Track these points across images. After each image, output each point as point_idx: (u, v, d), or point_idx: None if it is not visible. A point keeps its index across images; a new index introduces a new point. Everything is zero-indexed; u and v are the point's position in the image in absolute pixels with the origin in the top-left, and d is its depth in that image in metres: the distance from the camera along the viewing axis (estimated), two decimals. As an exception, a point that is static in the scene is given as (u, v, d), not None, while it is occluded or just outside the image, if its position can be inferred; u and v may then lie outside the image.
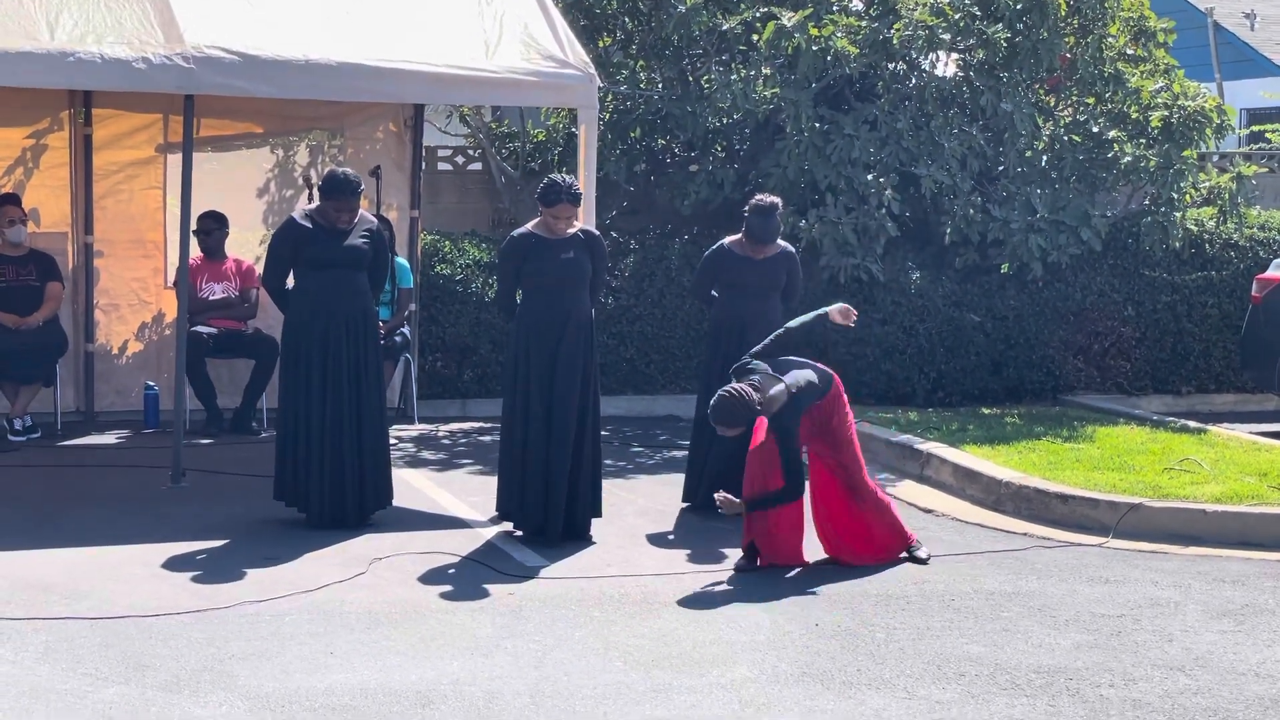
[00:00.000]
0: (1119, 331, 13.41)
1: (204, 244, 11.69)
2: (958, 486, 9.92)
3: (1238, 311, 13.46)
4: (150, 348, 12.14)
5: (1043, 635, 6.90)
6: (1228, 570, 8.12)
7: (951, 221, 12.57)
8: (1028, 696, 6.08)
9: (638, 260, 13.01)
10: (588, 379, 8.47)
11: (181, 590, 7.36)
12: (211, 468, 10.15)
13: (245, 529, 8.59)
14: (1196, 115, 12.88)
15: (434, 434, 11.81)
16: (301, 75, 9.52)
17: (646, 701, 5.94)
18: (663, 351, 13.01)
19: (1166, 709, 5.96)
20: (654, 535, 8.73)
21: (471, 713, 5.78)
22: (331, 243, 8.62)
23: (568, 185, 8.37)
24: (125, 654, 6.38)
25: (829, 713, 5.87)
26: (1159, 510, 8.89)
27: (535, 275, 8.40)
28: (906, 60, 12.80)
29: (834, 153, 12.31)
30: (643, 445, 11.54)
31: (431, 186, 13.50)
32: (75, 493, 9.48)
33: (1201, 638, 6.90)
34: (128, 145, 11.97)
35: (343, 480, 8.62)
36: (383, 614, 7.02)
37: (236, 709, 5.78)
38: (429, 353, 12.64)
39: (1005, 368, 13.16)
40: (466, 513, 9.07)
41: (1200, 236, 13.63)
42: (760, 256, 9.25)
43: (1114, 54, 12.98)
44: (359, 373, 8.66)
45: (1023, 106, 12.49)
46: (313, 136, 12.41)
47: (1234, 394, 13.81)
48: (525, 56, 10.01)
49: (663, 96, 13.04)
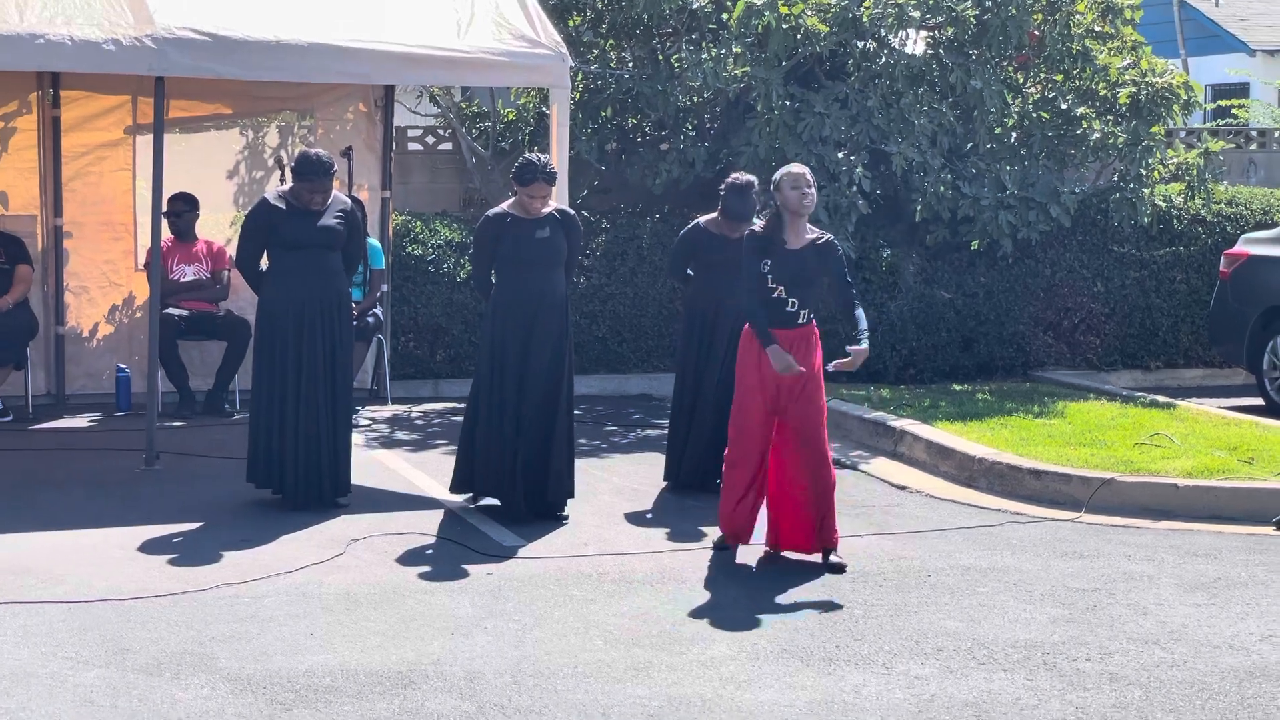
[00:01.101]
0: (1088, 307, 13.48)
1: (174, 226, 11.65)
2: (931, 463, 9.97)
3: (1206, 287, 13.55)
4: (121, 330, 12.10)
5: (1019, 610, 6.95)
6: (1200, 544, 8.19)
7: (922, 199, 12.61)
8: (1005, 671, 6.13)
9: (609, 239, 13.01)
10: (562, 358, 8.48)
11: (159, 573, 7.35)
12: (185, 450, 10.13)
13: (220, 511, 8.58)
14: (1164, 92, 12.94)
15: (407, 415, 11.81)
16: (272, 56, 9.49)
17: (627, 679, 5.97)
18: (635, 330, 13.02)
19: (1142, 681, 6.01)
20: (631, 514, 8.75)
21: (453, 692, 5.80)
22: (305, 223, 8.60)
23: (543, 164, 8.36)
24: (104, 637, 6.37)
25: (808, 689, 5.90)
26: (1131, 485, 8.96)
27: (510, 255, 8.40)
28: (876, 38, 12.82)
29: (805, 131, 12.32)
30: (616, 424, 11.56)
31: (402, 167, 13.47)
32: (48, 476, 9.46)
33: (1175, 611, 6.96)
34: (96, 127, 11.91)
35: (317, 461, 8.61)
36: (361, 595, 7.03)
37: (218, 691, 5.78)
38: (401, 333, 12.62)
39: (976, 344, 13.22)
40: (442, 493, 9.07)
41: (1168, 212, 13.71)
42: (736, 235, 9.23)
43: (1082, 31, 13.03)
44: (333, 354, 8.65)
45: (992, 84, 12.53)
46: (283, 117, 12.37)
47: (1202, 368, 13.91)
48: (497, 36, 10.00)
49: (633, 75, 13.03)
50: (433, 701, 5.70)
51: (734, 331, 9.22)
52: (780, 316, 7.63)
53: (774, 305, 7.63)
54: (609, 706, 5.68)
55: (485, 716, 5.57)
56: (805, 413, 7.62)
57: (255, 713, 5.58)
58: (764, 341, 7.56)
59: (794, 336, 7.63)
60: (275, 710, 5.60)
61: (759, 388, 7.65)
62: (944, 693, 5.87)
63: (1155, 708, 5.74)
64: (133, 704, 5.64)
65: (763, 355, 7.59)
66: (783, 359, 7.51)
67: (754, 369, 7.66)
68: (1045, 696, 5.84)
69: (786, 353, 7.53)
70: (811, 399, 7.62)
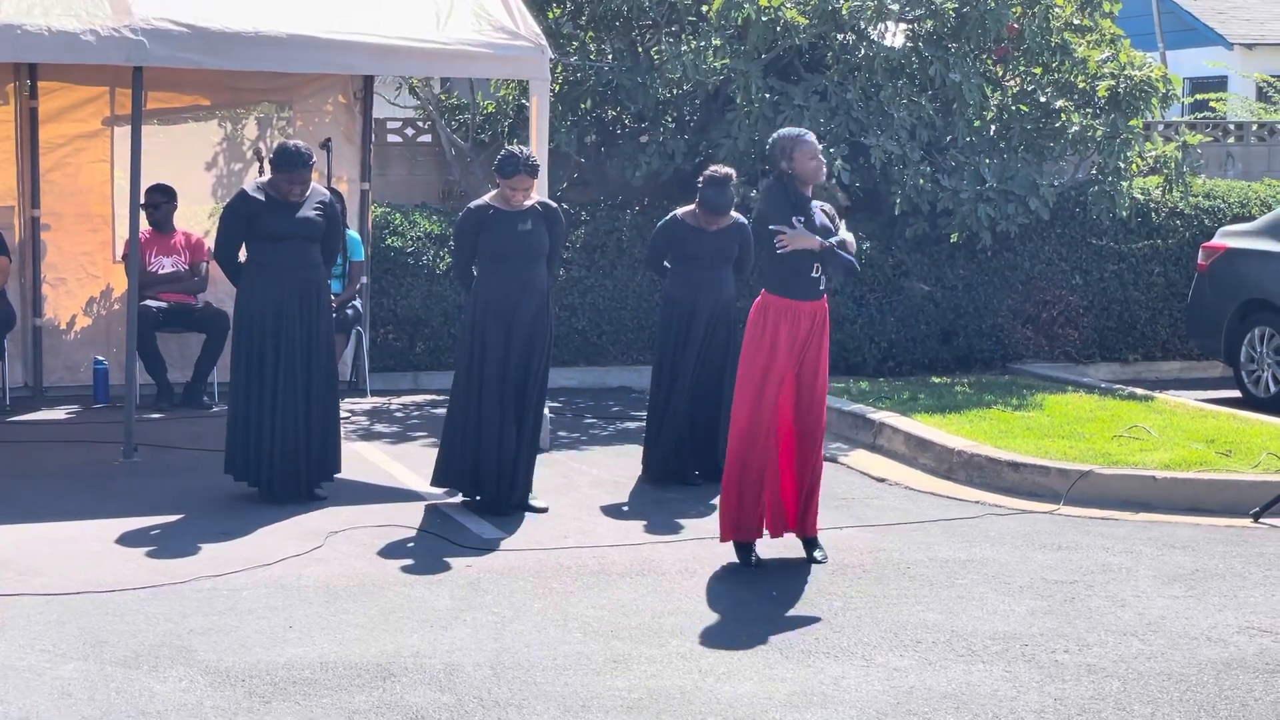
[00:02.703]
0: (1067, 300, 13.51)
1: (152, 218, 11.60)
2: (910, 455, 9.98)
3: (1184, 279, 13.59)
4: (99, 322, 12.06)
5: (997, 602, 6.96)
6: (1177, 536, 8.22)
7: (901, 191, 12.61)
8: (984, 663, 6.14)
9: (589, 231, 13.00)
10: (542, 352, 8.47)
11: (136, 566, 7.33)
12: (163, 442, 10.11)
13: (198, 503, 8.56)
14: (1143, 85, 12.96)
15: (386, 407, 11.79)
16: (251, 47, 9.46)
17: (606, 672, 5.97)
18: (614, 323, 13.02)
19: (1121, 673, 6.03)
20: (609, 506, 8.75)
21: (432, 685, 5.79)
22: (284, 215, 8.58)
23: (525, 157, 8.34)
24: (82, 630, 6.35)
25: (787, 681, 5.91)
26: (1109, 477, 8.98)
27: (492, 247, 8.38)
28: (855, 30, 12.82)
29: (784, 123, 12.29)
30: (595, 417, 11.56)
31: (381, 159, 13.44)
32: (25, 469, 9.42)
33: (1153, 603, 6.98)
34: (74, 118, 11.86)
35: (295, 454, 8.60)
36: (340, 588, 7.02)
37: (196, 684, 5.77)
38: (380, 325, 12.60)
39: (955, 337, 13.25)
40: (421, 485, 9.06)
41: (1147, 205, 13.75)
42: (713, 228, 9.26)
43: (1061, 24, 13.03)
44: (311, 345, 8.63)
45: (971, 77, 12.54)
46: (261, 109, 12.34)
47: (1180, 361, 13.95)
48: (476, 28, 9.98)
49: (613, 68, 13.02)
50: (412, 694, 5.69)
51: (711, 324, 9.24)
52: (804, 286, 7.42)
53: (797, 275, 7.42)
54: (588, 699, 5.68)
55: (464, 709, 5.56)
56: (812, 388, 7.47)
57: (233, 705, 5.57)
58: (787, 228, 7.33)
59: (815, 309, 7.45)
60: (254, 703, 5.59)
61: (773, 354, 7.35)
62: (923, 684, 5.89)
63: (1133, 699, 5.76)
64: (110, 696, 5.62)
65: (778, 323, 7.38)
66: (806, 234, 7.33)
67: (767, 339, 7.37)
68: (1024, 688, 5.86)
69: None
70: (819, 374, 7.49)
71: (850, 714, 5.58)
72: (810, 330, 7.46)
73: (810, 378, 7.50)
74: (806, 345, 7.46)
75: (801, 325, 7.43)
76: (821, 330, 7.52)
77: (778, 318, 7.40)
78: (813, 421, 7.54)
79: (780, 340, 7.39)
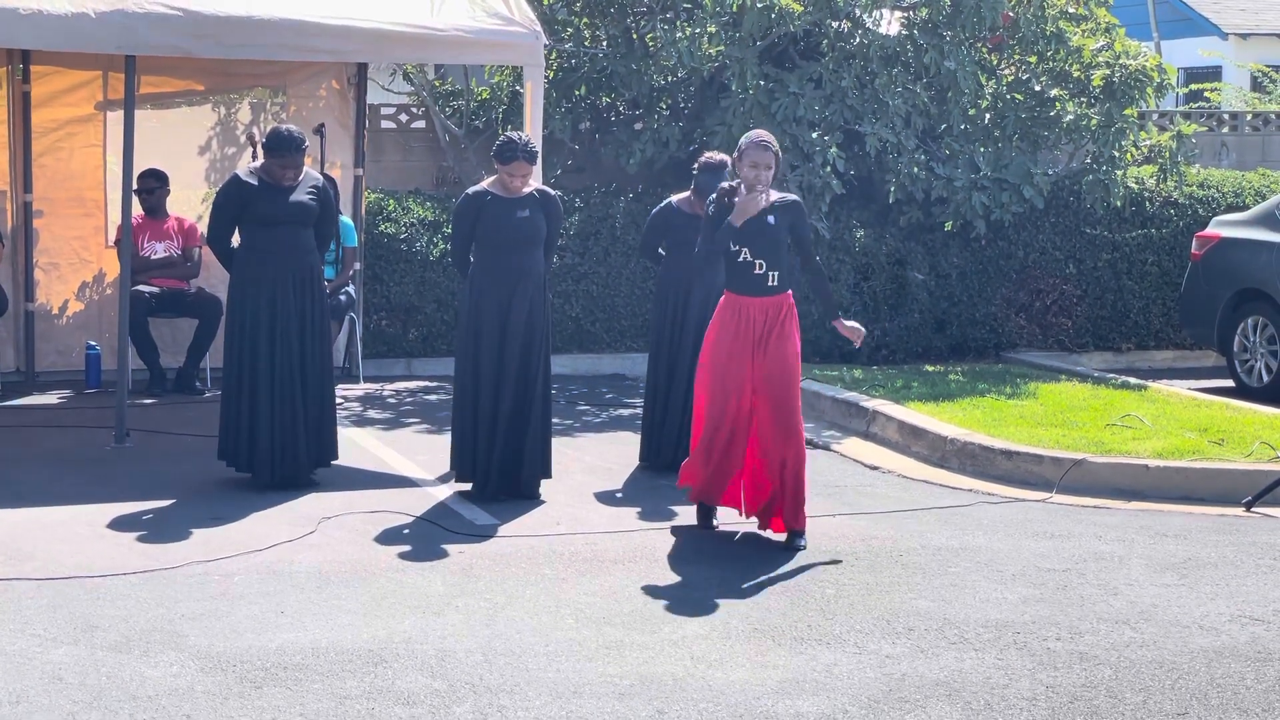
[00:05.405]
0: (1061, 289, 13.51)
1: (145, 203, 11.58)
2: (903, 443, 9.98)
3: (1177, 269, 13.59)
4: (91, 307, 12.04)
5: (990, 590, 6.96)
6: (1170, 525, 8.22)
7: (896, 179, 12.61)
8: (976, 650, 6.14)
9: (583, 218, 12.99)
10: (540, 339, 8.45)
11: (128, 550, 7.32)
12: (155, 428, 10.09)
13: (191, 489, 8.55)
14: (1137, 74, 12.96)
15: (379, 393, 11.78)
16: (245, 33, 9.43)
17: (599, 658, 5.97)
18: (608, 310, 13.01)
19: (1113, 661, 6.03)
20: (602, 493, 8.74)
21: (424, 671, 5.79)
22: (277, 200, 8.56)
23: (524, 143, 8.32)
24: (73, 614, 6.34)
25: (780, 668, 5.91)
26: (1102, 466, 8.98)
27: (490, 234, 8.36)
28: (850, 18, 12.81)
29: (779, 111, 12.31)
30: (589, 404, 11.55)
31: (375, 145, 13.42)
32: (17, 453, 9.41)
33: (1145, 591, 6.99)
34: (67, 102, 11.84)
35: (289, 439, 8.58)
36: (332, 573, 7.01)
37: (188, 669, 5.76)
38: (374, 312, 12.59)
39: (949, 325, 13.25)
40: (414, 471, 9.06)
41: (1141, 194, 13.75)
42: (708, 214, 9.23)
43: (1055, 13, 13.04)
44: (304, 330, 8.61)
45: (966, 65, 12.53)
46: (255, 94, 12.31)
47: (1173, 350, 13.96)
48: (471, 14, 9.95)
49: (607, 54, 13.00)
50: (403, 680, 5.69)
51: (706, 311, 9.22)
52: (749, 281, 7.56)
53: (741, 270, 7.57)
54: (580, 685, 5.68)
55: (456, 695, 5.56)
56: (784, 384, 7.49)
57: (225, 690, 5.56)
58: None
59: (767, 305, 7.56)
60: (245, 688, 5.58)
61: (731, 344, 7.53)
62: (915, 672, 5.89)
63: (1125, 687, 5.76)
64: (101, 681, 5.61)
65: (724, 316, 7.57)
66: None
67: (714, 330, 7.61)
68: (1016, 676, 5.86)
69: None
70: (785, 368, 7.51)
71: (842, 701, 5.58)
72: (766, 325, 7.53)
73: (778, 372, 7.53)
74: (765, 341, 7.53)
75: (755, 320, 7.54)
76: (782, 326, 7.56)
77: (723, 312, 7.66)
78: (785, 414, 7.53)
79: (731, 333, 7.56)
